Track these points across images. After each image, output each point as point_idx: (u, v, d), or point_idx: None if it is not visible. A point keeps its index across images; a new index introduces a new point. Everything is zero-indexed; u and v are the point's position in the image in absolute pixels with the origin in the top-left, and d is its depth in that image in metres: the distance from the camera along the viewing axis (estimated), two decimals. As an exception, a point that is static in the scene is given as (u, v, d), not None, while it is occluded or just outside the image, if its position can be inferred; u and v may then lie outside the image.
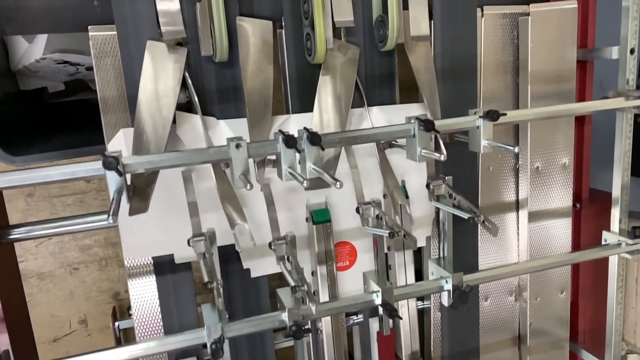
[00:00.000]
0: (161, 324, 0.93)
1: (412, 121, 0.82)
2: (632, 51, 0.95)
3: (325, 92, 0.89)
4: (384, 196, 0.97)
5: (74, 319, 2.17)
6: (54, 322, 2.16)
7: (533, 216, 1.10)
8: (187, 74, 0.83)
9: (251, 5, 0.87)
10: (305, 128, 0.74)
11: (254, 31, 0.86)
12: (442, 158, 0.78)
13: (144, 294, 0.92)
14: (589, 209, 1.16)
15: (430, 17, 0.96)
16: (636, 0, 0.95)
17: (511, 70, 1.05)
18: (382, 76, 0.96)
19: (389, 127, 0.82)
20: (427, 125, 0.79)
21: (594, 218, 1.16)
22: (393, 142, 0.92)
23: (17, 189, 0.96)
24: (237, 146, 0.72)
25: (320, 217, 0.94)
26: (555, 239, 1.12)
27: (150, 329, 0.93)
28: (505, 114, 0.84)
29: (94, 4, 0.79)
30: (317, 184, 0.83)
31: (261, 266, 0.92)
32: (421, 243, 1.01)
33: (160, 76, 0.80)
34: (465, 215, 0.82)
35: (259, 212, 0.88)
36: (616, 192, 1.04)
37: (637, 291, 2.39)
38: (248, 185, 0.69)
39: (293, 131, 0.83)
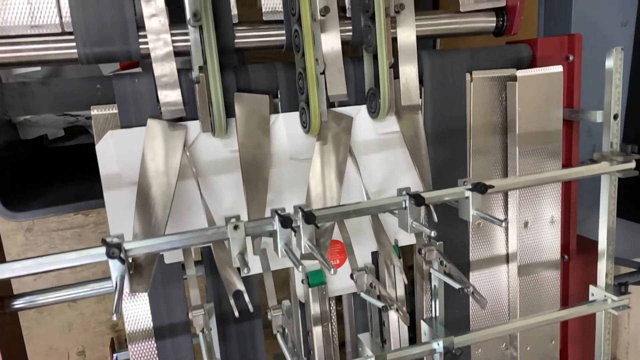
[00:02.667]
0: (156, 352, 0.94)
1: (404, 193, 0.86)
2: (615, 117, 0.99)
3: (320, 163, 0.92)
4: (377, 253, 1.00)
5: (73, 351, 2.19)
6: (52, 354, 2.18)
7: (523, 270, 1.13)
8: (186, 151, 0.86)
9: (248, 80, 0.90)
10: (300, 207, 0.77)
11: (251, 106, 0.89)
12: (433, 234, 0.81)
13: (140, 324, 0.94)
14: (577, 260, 1.19)
15: (420, 81, 1.00)
16: (619, 68, 0.98)
17: (500, 129, 1.09)
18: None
19: (382, 201, 0.85)
20: (417, 200, 0.82)
21: (583, 268, 1.20)
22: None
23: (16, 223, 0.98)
24: (235, 227, 0.75)
25: (316, 280, 0.97)
26: (544, 291, 1.16)
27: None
28: (492, 187, 0.87)
29: (97, 87, 0.82)
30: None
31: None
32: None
33: (160, 154, 0.83)
34: (456, 286, 0.85)
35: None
36: (602, 247, 1.07)
37: (629, 313, 2.42)
38: (246, 269, 0.72)
39: (282, 132, 0.88)
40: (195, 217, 0.90)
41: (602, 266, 1.07)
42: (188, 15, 0.77)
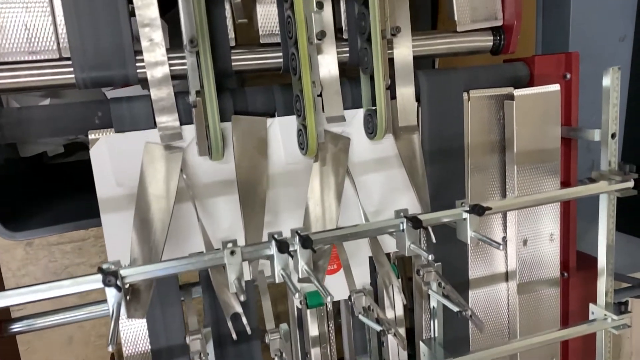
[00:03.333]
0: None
1: (401, 215, 0.86)
2: (613, 135, 0.99)
3: (318, 184, 0.92)
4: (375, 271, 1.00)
5: (73, 365, 2.18)
6: (53, 367, 2.17)
7: (522, 288, 1.13)
8: (183, 174, 0.86)
9: (245, 102, 0.90)
10: (297, 232, 0.77)
11: (248, 129, 0.89)
12: (430, 258, 0.80)
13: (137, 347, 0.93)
14: (577, 277, 1.19)
15: (417, 100, 1.00)
16: (616, 87, 0.98)
17: (498, 148, 1.08)
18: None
19: (379, 223, 0.85)
20: (414, 223, 0.82)
21: (583, 285, 1.19)
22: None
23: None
24: (232, 253, 0.75)
25: (314, 301, 0.96)
26: (544, 309, 1.15)
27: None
28: (490, 209, 0.87)
29: (98, 114, 0.82)
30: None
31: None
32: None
33: (157, 178, 0.84)
34: (455, 309, 0.85)
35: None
36: (601, 265, 1.07)
37: (632, 323, 2.41)
38: (242, 296, 0.72)
39: (278, 136, 0.87)
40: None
41: (602, 285, 1.06)
42: (185, 40, 0.78)
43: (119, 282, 0.69)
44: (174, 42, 0.89)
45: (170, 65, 0.84)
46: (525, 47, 1.33)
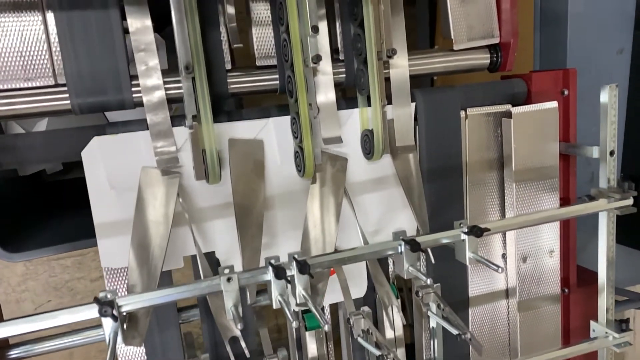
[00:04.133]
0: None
1: (400, 237, 0.85)
2: (611, 153, 0.98)
3: (316, 206, 0.92)
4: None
5: (74, 379, 2.17)
6: (53, 383, 2.15)
7: (522, 305, 1.12)
8: (180, 199, 0.86)
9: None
10: (294, 257, 0.77)
11: (245, 151, 0.89)
12: (429, 282, 0.80)
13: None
14: (577, 293, 1.18)
15: (415, 118, 1.00)
16: (613, 105, 0.98)
17: (496, 165, 1.08)
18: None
19: (377, 246, 0.85)
20: (412, 246, 0.82)
21: (583, 301, 1.18)
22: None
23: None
24: (229, 279, 0.75)
25: (313, 323, 0.96)
26: (545, 325, 1.14)
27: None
28: (488, 230, 0.86)
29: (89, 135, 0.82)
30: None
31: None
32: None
33: (154, 203, 0.83)
34: (454, 331, 0.84)
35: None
36: (602, 282, 1.06)
37: (635, 329, 2.39)
38: (239, 324, 0.72)
39: (273, 138, 0.87)
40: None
41: (602, 302, 1.06)
42: (180, 66, 0.78)
43: (115, 312, 0.69)
44: (171, 58, 0.88)
45: (167, 89, 0.83)
46: (523, 62, 1.33)
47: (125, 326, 0.74)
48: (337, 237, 0.94)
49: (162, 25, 0.97)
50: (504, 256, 1.13)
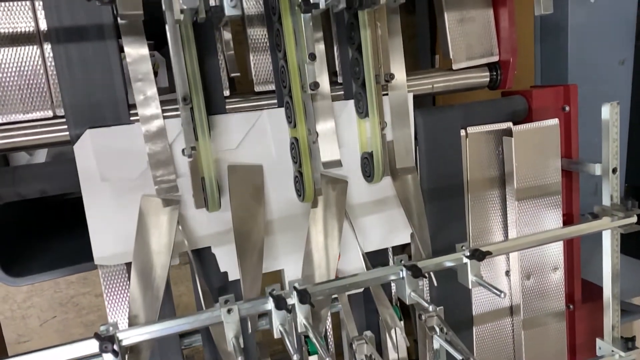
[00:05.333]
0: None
1: (401, 262, 0.85)
2: (614, 170, 0.98)
3: (318, 230, 0.92)
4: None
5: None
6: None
7: (527, 322, 1.11)
8: (180, 227, 0.85)
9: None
10: (295, 287, 0.77)
11: (244, 177, 0.89)
12: (431, 309, 0.80)
13: None
14: (582, 309, 1.17)
15: (415, 138, 0.99)
16: (615, 122, 0.97)
17: (498, 183, 1.07)
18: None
19: (379, 272, 0.84)
20: (414, 272, 0.81)
21: (589, 317, 1.18)
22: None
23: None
24: (229, 311, 0.75)
25: (315, 348, 0.95)
26: (551, 342, 1.14)
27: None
28: (490, 253, 0.86)
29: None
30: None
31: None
32: None
33: (154, 232, 0.83)
34: (458, 356, 0.84)
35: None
36: (607, 299, 1.05)
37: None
38: (240, 357, 0.71)
39: (267, 128, 0.87)
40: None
41: (608, 320, 1.05)
42: (178, 97, 0.78)
43: (116, 347, 0.69)
44: (172, 76, 0.87)
45: (164, 114, 0.83)
46: (524, 74, 1.32)
47: (127, 357, 0.74)
48: (339, 260, 0.93)
49: (162, 43, 0.97)
50: (507, 273, 1.12)
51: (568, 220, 1.11)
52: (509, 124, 1.05)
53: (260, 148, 0.90)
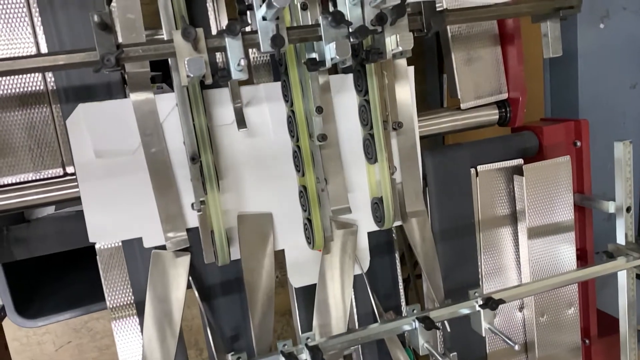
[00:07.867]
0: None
1: (413, 311, 0.84)
2: (628, 209, 0.96)
3: (328, 276, 0.91)
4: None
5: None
6: None
7: (542, 360, 1.10)
8: (191, 278, 0.86)
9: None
10: (306, 345, 0.76)
11: (254, 226, 0.89)
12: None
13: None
14: (598, 344, 1.15)
15: (424, 177, 0.98)
16: (628, 161, 0.96)
17: (509, 220, 1.06)
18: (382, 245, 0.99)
19: (392, 324, 0.84)
20: (427, 324, 0.81)
21: (605, 350, 1.16)
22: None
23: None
24: (241, 368, 0.75)
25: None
26: (566, 379, 1.12)
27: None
28: (503, 302, 0.85)
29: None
30: None
31: None
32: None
33: (165, 285, 0.83)
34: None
35: None
36: (623, 337, 1.04)
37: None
38: (253, 418, 0.71)
39: (263, 102, 0.86)
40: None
41: (625, 358, 1.03)
42: (187, 157, 0.78)
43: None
44: None
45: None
46: (534, 103, 1.31)
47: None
48: (350, 304, 0.93)
49: (169, 74, 0.96)
50: (521, 309, 1.11)
51: (582, 256, 1.10)
52: (520, 161, 1.04)
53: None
